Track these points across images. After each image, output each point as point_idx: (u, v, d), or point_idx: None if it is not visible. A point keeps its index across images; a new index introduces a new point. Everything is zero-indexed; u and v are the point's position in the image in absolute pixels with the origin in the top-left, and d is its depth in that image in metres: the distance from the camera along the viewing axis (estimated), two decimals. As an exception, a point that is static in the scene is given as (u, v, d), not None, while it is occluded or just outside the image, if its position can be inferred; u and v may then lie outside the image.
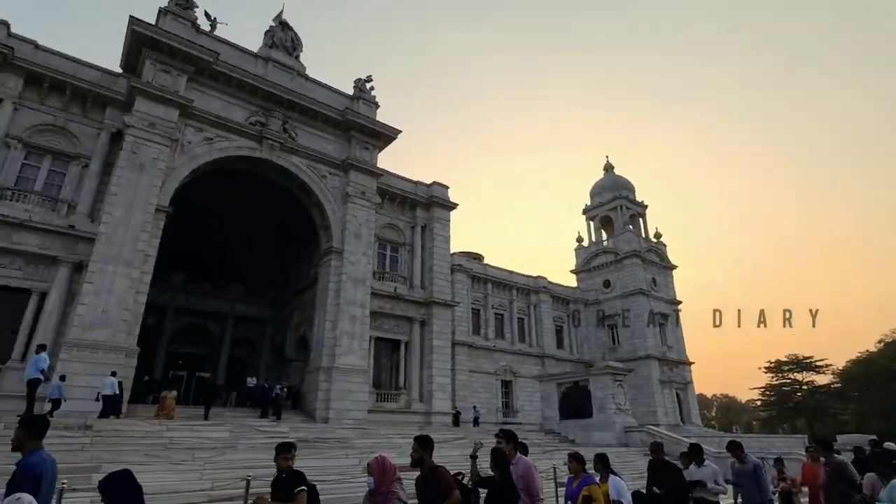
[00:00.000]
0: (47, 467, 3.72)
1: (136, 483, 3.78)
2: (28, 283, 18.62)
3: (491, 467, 5.47)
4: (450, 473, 4.70)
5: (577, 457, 6.15)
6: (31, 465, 3.65)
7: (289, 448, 4.65)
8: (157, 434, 13.41)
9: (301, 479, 4.45)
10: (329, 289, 25.04)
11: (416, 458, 4.50)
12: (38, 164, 20.03)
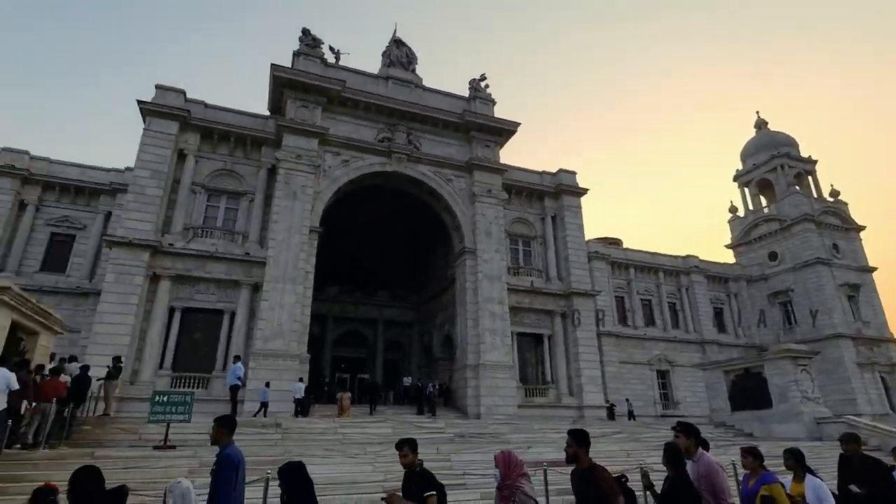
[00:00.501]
0: (241, 457, 4.36)
1: (307, 474, 4.34)
2: (220, 304, 22.07)
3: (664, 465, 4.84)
4: (611, 474, 4.33)
5: (754, 452, 5.36)
6: (229, 456, 4.29)
7: (401, 445, 4.63)
8: (332, 431, 14.93)
9: (430, 480, 4.35)
10: (466, 288, 25.65)
11: (570, 453, 4.23)
12: (217, 204, 23.67)
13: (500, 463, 4.33)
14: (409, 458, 4.47)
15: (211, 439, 4.57)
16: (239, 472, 4.28)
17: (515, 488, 4.14)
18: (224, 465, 4.22)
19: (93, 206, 26.14)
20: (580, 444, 4.23)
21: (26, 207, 24.97)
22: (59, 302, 22.39)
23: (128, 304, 19.85)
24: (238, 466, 4.30)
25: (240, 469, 4.30)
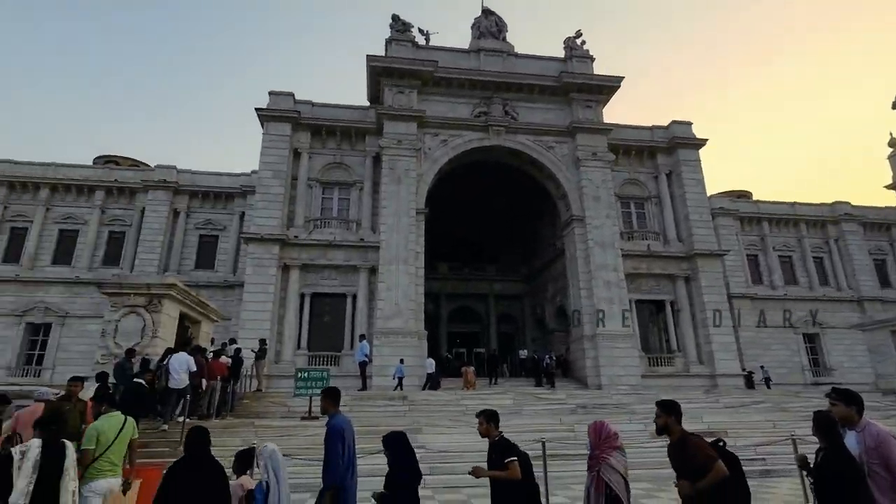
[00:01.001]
0: (347, 425, 4.66)
1: (408, 442, 4.53)
2: (343, 288, 23.79)
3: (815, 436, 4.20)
4: (705, 441, 3.89)
5: None
6: (335, 425, 4.62)
7: (479, 415, 4.57)
8: (455, 402, 15.51)
9: (510, 448, 4.31)
10: (577, 257, 24.84)
11: (660, 424, 3.93)
12: (331, 196, 25.36)
13: (591, 433, 4.25)
14: (484, 427, 4.50)
15: (321, 410, 4.91)
16: (345, 437, 4.54)
17: (602, 460, 4.03)
18: (331, 432, 4.53)
19: (229, 209, 29.45)
20: (669, 413, 3.90)
21: (179, 215, 28.87)
22: (212, 294, 25.65)
23: (266, 293, 22.21)
24: (343, 433, 4.56)
25: (346, 435, 4.56)
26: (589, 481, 4.09)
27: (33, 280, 26.92)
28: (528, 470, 4.28)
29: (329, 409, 4.79)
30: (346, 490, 4.39)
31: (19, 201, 28.43)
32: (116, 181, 29.15)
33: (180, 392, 10.76)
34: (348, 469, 4.48)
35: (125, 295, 12.82)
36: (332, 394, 4.91)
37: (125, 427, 5.52)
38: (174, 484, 3.86)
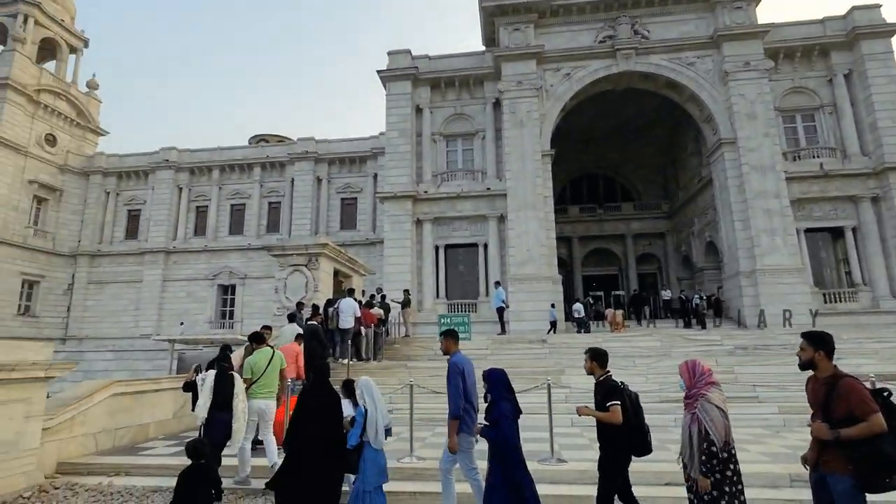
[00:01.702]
0: (465, 363, 4.90)
1: (508, 380, 4.65)
2: (473, 238, 24.27)
3: None
4: (863, 386, 3.21)
5: None
6: (455, 363, 4.87)
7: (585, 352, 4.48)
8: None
9: (614, 390, 4.18)
10: (728, 186, 22.11)
11: (804, 358, 3.48)
12: (455, 148, 25.60)
13: (684, 372, 3.98)
14: (588, 365, 4.45)
15: (443, 350, 5.19)
16: (465, 375, 4.79)
17: (700, 396, 3.77)
18: (451, 369, 4.82)
19: (363, 171, 31.46)
20: (817, 347, 3.41)
21: (321, 182, 31.64)
22: (356, 252, 27.86)
23: (403, 248, 23.61)
24: (462, 370, 4.80)
25: (465, 373, 4.81)
26: (687, 421, 3.84)
27: (218, 249, 31.92)
28: (636, 412, 4.13)
29: (450, 349, 5.10)
30: (464, 419, 4.71)
31: (199, 184, 33.50)
32: (268, 157, 32.73)
33: (347, 333, 12.18)
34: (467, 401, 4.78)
35: (288, 256, 14.58)
36: (450, 334, 5.23)
37: (273, 359, 6.77)
38: (305, 403, 4.83)
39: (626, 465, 4.16)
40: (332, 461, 4.65)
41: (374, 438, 4.73)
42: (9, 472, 5.87)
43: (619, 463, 4.13)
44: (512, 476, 4.27)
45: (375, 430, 4.74)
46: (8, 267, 29.36)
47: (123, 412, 8.24)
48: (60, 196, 32.76)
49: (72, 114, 33.93)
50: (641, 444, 4.10)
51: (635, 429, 4.07)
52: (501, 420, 4.38)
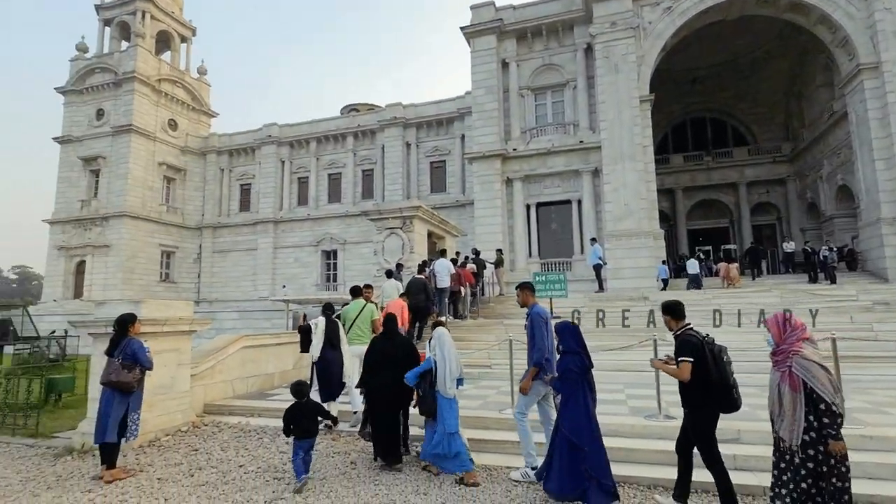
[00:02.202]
0: (547, 313, 5.20)
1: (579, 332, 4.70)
2: (566, 195, 23.45)
3: None
4: None
5: None
6: (538, 312, 5.15)
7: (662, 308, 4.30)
8: (705, 302, 14.24)
9: (685, 345, 3.94)
10: (868, 119, 19.05)
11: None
12: (543, 101, 24.58)
13: (773, 326, 3.66)
14: (664, 321, 4.28)
15: (520, 303, 5.45)
16: (548, 323, 5.05)
17: (792, 353, 3.47)
18: (535, 318, 5.07)
19: (450, 133, 31.40)
20: None
21: (410, 146, 32.13)
22: (447, 215, 28.31)
23: (494, 208, 23.46)
24: (547, 319, 5.10)
25: (548, 321, 5.09)
26: (776, 378, 3.53)
27: (319, 217, 33.99)
28: (719, 368, 3.85)
29: (528, 301, 5.34)
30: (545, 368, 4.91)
31: (299, 156, 35.58)
32: (359, 126, 33.77)
33: (444, 292, 12.54)
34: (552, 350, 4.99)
35: (385, 219, 15.14)
36: (526, 286, 5.50)
37: (364, 310, 7.63)
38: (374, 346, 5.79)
39: (712, 422, 3.94)
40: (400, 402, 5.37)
41: (443, 387, 5.13)
42: (168, 410, 6.88)
43: (704, 421, 3.93)
44: (572, 429, 4.35)
45: (444, 380, 5.12)
46: (149, 239, 33.66)
47: (252, 363, 9.24)
48: (184, 175, 36.57)
49: (187, 99, 37.30)
50: (726, 400, 3.86)
51: (717, 385, 3.82)
52: (567, 373, 4.50)
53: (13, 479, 5.20)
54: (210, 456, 5.87)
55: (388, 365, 5.42)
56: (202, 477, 5.15)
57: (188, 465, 5.52)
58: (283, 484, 4.90)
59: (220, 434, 6.82)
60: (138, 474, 5.24)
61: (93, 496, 4.65)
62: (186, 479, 5.11)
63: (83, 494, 4.71)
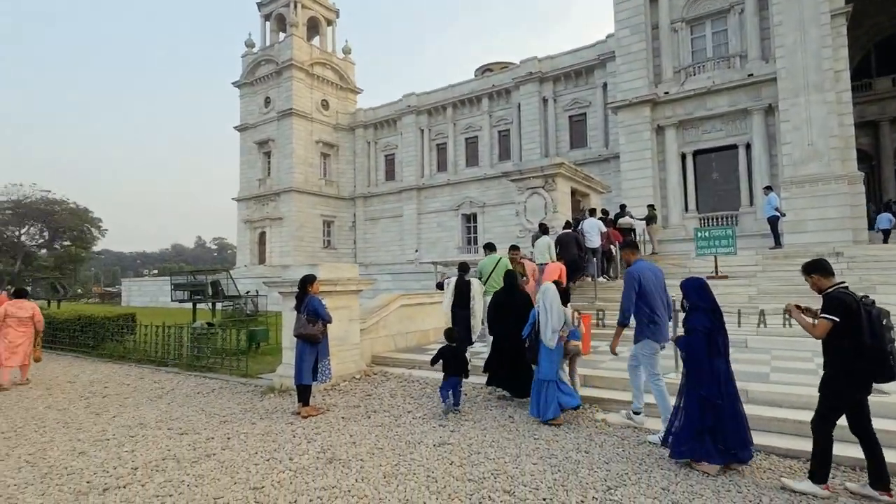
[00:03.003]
0: (644, 272, 5.05)
1: (707, 288, 4.35)
2: (731, 139, 20.61)
3: None
4: None
5: None
6: (629, 272, 5.12)
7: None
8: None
9: (831, 304, 3.59)
10: None
11: None
12: (701, 34, 21.58)
13: None
14: (809, 283, 3.90)
15: (625, 261, 5.48)
16: (642, 283, 4.99)
17: None
18: (626, 277, 5.17)
19: (590, 83, 29.37)
20: None
21: (547, 102, 30.84)
22: (589, 171, 26.88)
23: (642, 160, 21.61)
24: (639, 279, 5.00)
25: (641, 280, 5.00)
26: None
27: (458, 181, 34.76)
28: (874, 332, 3.42)
29: (630, 259, 5.38)
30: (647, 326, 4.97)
31: (437, 123, 36.47)
32: (494, 86, 33.30)
33: (594, 252, 12.04)
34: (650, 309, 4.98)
35: (526, 179, 14.82)
36: (630, 245, 5.69)
37: (499, 263, 8.06)
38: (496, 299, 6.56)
39: (854, 390, 3.56)
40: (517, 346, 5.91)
41: (544, 337, 5.47)
42: (344, 360, 7.71)
43: (841, 389, 3.58)
44: (697, 391, 4.13)
45: (545, 331, 5.45)
46: (312, 211, 37.79)
47: (409, 319, 9.90)
48: (337, 150, 39.98)
49: (335, 79, 40.29)
50: (879, 368, 3.43)
51: (871, 350, 3.41)
52: (693, 332, 4.24)
53: (235, 409, 6.30)
54: (381, 401, 6.46)
55: (509, 315, 6.17)
56: (377, 419, 5.69)
57: (364, 408, 6.15)
58: (447, 431, 5.19)
59: (387, 382, 7.47)
60: (326, 412, 5.98)
61: (294, 428, 5.44)
62: (365, 419, 5.70)
63: (287, 426, 5.53)
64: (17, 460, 4.62)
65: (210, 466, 4.33)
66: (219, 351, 9.35)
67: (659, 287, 5.07)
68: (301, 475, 4.10)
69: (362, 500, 3.64)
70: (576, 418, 5.52)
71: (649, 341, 4.96)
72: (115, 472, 4.23)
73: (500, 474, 4.05)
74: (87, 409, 6.47)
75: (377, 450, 4.68)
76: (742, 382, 4.78)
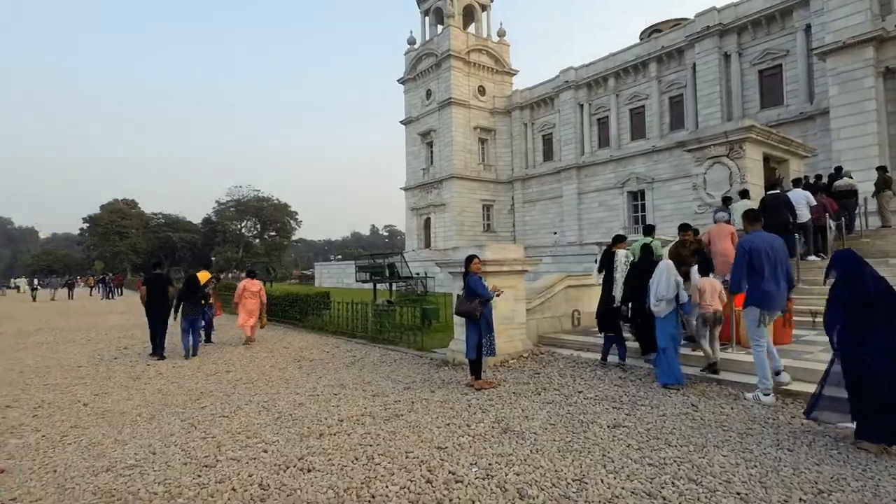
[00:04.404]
0: (755, 242, 5.22)
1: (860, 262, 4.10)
2: None
3: None
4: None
5: None
6: (740, 244, 5.36)
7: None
8: None
9: None
10: None
11: None
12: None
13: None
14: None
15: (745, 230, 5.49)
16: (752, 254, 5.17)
17: None
18: (738, 250, 5.37)
19: (787, 27, 24.82)
20: None
21: (730, 57, 26.95)
22: (786, 132, 22.92)
23: (863, 113, 17.67)
24: (749, 251, 5.20)
25: (752, 252, 5.17)
26: None
27: (622, 157, 32.59)
28: None
29: (747, 229, 5.47)
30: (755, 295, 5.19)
31: (597, 96, 34.57)
32: (663, 48, 30.22)
33: (805, 227, 10.34)
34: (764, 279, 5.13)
35: (705, 147, 13.26)
36: (747, 215, 5.57)
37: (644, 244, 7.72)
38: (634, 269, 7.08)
39: None
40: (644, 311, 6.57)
41: (654, 310, 6.13)
42: (510, 338, 7.91)
43: None
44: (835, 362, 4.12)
45: (651, 300, 6.14)
46: (472, 196, 39.06)
47: (575, 301, 9.70)
48: (494, 135, 40.52)
49: (491, 63, 40.69)
50: None
51: None
52: (832, 301, 4.16)
53: (416, 378, 6.94)
54: (551, 380, 6.49)
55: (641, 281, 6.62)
56: (547, 396, 5.74)
57: (534, 385, 6.25)
58: (622, 413, 5.00)
59: (555, 363, 7.46)
60: (497, 387, 6.22)
61: (469, 398, 5.78)
62: (535, 396, 5.79)
63: (462, 395, 5.90)
64: (257, 406, 5.76)
65: (400, 425, 4.86)
66: (397, 326, 10.34)
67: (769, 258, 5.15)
68: (479, 441, 4.36)
69: (538, 469, 3.73)
70: (775, 415, 4.86)
71: (753, 308, 5.21)
72: (326, 422, 5.01)
73: (684, 462, 3.79)
74: (300, 370, 7.74)
75: (549, 425, 4.73)
76: None
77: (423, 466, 3.83)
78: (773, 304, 5.14)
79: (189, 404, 5.89)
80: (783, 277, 5.17)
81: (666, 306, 6.02)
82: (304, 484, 3.59)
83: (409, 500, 3.31)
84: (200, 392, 6.48)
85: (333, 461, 3.98)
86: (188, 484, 3.65)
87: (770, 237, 5.33)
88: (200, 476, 3.78)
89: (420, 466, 3.84)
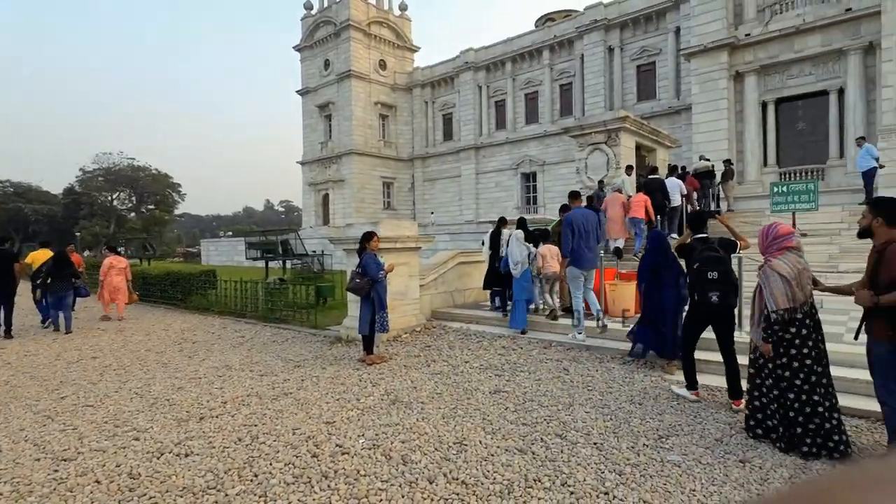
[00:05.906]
0: (574, 217, 6.66)
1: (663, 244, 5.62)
2: (821, 84, 18.71)
3: None
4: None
5: None
6: (566, 216, 6.84)
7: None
8: None
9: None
10: None
11: (862, 226, 3.34)
12: (792, -35, 19.33)
13: (759, 235, 3.85)
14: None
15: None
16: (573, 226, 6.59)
17: (766, 262, 3.69)
18: (563, 224, 6.79)
19: (661, 28, 27.33)
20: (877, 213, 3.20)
21: (613, 51, 29.12)
22: (657, 124, 25.35)
23: (717, 110, 20.13)
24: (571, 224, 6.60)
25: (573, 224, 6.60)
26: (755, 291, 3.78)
27: (517, 139, 34.01)
28: None
29: (571, 206, 7.21)
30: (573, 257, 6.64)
31: (495, 79, 35.52)
32: (555, 37, 31.77)
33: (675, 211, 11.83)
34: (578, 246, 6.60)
35: (587, 134, 14.32)
36: (570, 195, 7.45)
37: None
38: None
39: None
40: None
41: (513, 272, 7.57)
42: (405, 314, 8.08)
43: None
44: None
45: (514, 266, 7.51)
46: (373, 172, 38.49)
47: (467, 277, 10.11)
48: (395, 111, 40.08)
49: (392, 37, 39.91)
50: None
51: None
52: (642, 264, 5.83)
53: (307, 356, 6.85)
54: (440, 352, 6.78)
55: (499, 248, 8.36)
56: (436, 367, 6.00)
57: (424, 358, 6.49)
58: (503, 380, 5.40)
59: (445, 335, 7.78)
60: (389, 361, 6.37)
61: (360, 373, 5.86)
62: (424, 367, 6.03)
63: (353, 371, 5.96)
64: (129, 392, 5.34)
65: (288, 403, 4.81)
66: (290, 304, 10.05)
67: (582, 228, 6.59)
68: (367, 413, 4.48)
69: (422, 436, 3.94)
70: (631, 374, 5.55)
71: (572, 268, 6.62)
72: (208, 405, 4.80)
73: (553, 420, 4.22)
74: (181, 353, 7.26)
75: (436, 395, 4.98)
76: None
77: (310, 442, 3.86)
78: (586, 264, 6.63)
79: (44, 395, 5.30)
80: (594, 243, 6.75)
81: (521, 269, 7.52)
82: (181, 469, 3.45)
83: (293, 476, 3.33)
84: (60, 381, 5.84)
85: (214, 444, 3.86)
86: (42, 480, 3.33)
87: (585, 212, 6.90)
88: (58, 471, 3.47)
89: (307, 442, 3.86)
